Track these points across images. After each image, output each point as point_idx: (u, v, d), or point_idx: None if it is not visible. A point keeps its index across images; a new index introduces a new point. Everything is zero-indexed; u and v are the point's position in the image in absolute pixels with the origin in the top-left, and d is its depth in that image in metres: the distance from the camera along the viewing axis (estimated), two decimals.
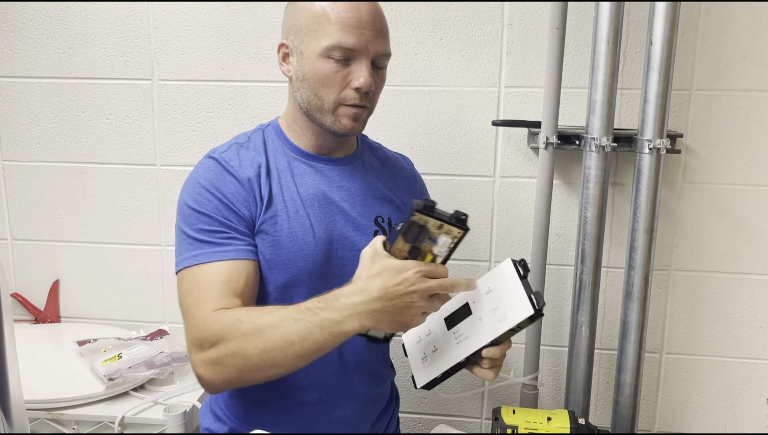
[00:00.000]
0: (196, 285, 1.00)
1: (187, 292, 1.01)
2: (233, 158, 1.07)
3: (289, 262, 1.05)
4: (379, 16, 1.05)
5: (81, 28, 1.68)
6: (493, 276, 0.98)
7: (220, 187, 1.03)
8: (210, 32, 1.64)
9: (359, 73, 1.02)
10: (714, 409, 1.69)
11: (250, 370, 0.94)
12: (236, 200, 1.03)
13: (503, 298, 0.95)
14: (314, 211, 1.07)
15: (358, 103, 1.05)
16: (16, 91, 1.73)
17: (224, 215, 1.02)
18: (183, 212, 1.04)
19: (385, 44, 1.06)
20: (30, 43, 1.70)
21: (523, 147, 1.61)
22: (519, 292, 0.94)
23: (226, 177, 1.04)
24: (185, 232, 1.03)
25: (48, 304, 1.81)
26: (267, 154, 1.10)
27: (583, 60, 1.55)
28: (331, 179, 1.11)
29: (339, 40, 1.00)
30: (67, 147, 1.75)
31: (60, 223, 1.79)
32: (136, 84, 1.69)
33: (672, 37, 1.36)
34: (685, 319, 1.66)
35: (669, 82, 1.38)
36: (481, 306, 0.97)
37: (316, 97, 1.05)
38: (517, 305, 0.93)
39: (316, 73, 1.03)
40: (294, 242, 1.05)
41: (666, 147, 1.41)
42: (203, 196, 1.03)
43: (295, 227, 1.05)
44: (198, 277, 1.00)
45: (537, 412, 1.12)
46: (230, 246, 1.01)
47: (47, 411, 1.39)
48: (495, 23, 1.57)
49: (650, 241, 1.45)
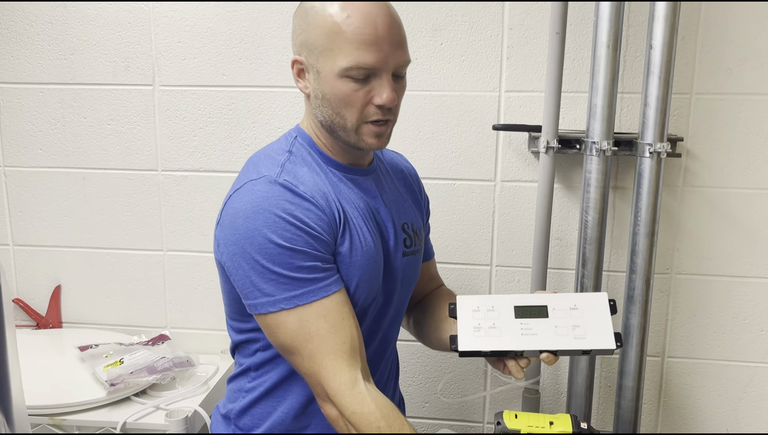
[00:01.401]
0: (311, 327, 0.95)
1: (301, 337, 0.96)
2: (296, 180, 0.99)
3: (364, 282, 1.02)
4: (396, 24, 0.98)
5: (82, 34, 1.68)
6: (584, 298, 1.03)
7: (299, 217, 0.95)
8: (211, 38, 1.65)
9: (381, 90, 0.97)
10: (716, 413, 1.69)
11: None
12: (320, 228, 0.97)
13: (589, 322, 1.00)
14: (371, 225, 1.05)
15: (381, 118, 1.00)
16: (18, 96, 1.74)
17: (315, 247, 0.96)
18: (267, 250, 0.94)
19: (405, 54, 1.00)
20: (32, 49, 1.70)
21: (523, 151, 1.62)
22: (607, 324, 1.00)
23: (303, 203, 0.96)
24: (274, 269, 0.95)
25: (50, 310, 1.82)
26: (317, 167, 1.04)
27: (583, 64, 1.56)
28: (367, 190, 1.08)
29: (358, 61, 0.94)
30: (69, 153, 1.75)
31: (61, 228, 1.79)
32: (137, 89, 1.70)
33: (672, 40, 1.36)
34: (686, 323, 1.65)
35: (669, 86, 1.38)
36: (561, 316, 1.01)
37: (338, 116, 1.00)
38: (602, 334, 0.99)
39: (336, 93, 0.98)
40: (367, 262, 1.02)
41: (667, 151, 1.41)
42: (289, 230, 0.94)
43: (365, 247, 1.02)
44: (309, 318, 0.95)
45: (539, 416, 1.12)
46: (330, 278, 0.97)
47: (49, 416, 1.39)
48: (495, 28, 1.57)
49: (651, 245, 1.45)
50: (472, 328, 1.02)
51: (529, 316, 1.02)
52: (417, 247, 1.14)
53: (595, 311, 1.01)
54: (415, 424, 1.77)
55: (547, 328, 1.00)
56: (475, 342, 1.00)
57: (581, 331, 1.00)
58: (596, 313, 1.01)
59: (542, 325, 1.01)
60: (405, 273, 1.12)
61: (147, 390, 1.49)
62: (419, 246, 1.16)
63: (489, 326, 1.01)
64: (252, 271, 0.95)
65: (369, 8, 0.95)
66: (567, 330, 1.00)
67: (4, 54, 1.72)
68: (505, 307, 1.03)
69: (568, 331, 1.00)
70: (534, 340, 0.99)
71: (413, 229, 1.14)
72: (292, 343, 0.96)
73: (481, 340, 1.00)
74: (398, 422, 0.96)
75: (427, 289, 1.31)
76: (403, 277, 1.12)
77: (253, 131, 1.67)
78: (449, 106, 1.61)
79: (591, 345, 0.98)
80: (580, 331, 1.00)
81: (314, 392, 0.99)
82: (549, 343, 0.99)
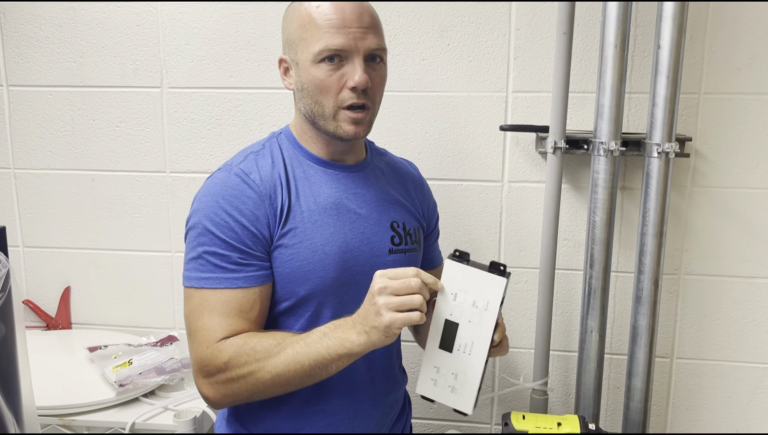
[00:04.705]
0: (205, 308, 1.01)
1: (195, 313, 1.02)
2: (252, 170, 1.05)
3: (310, 273, 1.05)
4: (366, 12, 1.04)
5: (91, 37, 1.69)
6: (447, 282, 0.97)
7: (239, 206, 1.02)
8: (218, 40, 1.65)
9: (353, 72, 1.02)
10: (725, 415, 1.68)
11: (261, 392, 0.99)
12: (255, 219, 1.02)
13: (473, 291, 0.96)
14: (332, 220, 1.07)
15: (356, 102, 1.04)
16: (28, 99, 1.75)
17: (241, 240, 1.01)
18: (198, 229, 1.03)
19: (377, 39, 1.05)
20: (41, 52, 1.72)
21: (531, 152, 1.61)
22: (480, 276, 0.95)
23: (246, 191, 1.03)
24: (198, 250, 1.03)
25: (59, 311, 1.83)
26: (284, 160, 1.09)
27: (590, 64, 1.55)
28: (347, 186, 1.11)
29: (326, 43, 1.01)
30: (78, 155, 1.76)
31: (71, 230, 1.80)
32: (145, 92, 1.71)
33: (680, 40, 1.36)
34: (695, 324, 1.65)
35: (677, 86, 1.38)
36: (460, 312, 0.97)
37: (317, 104, 1.05)
38: (488, 285, 0.95)
39: (312, 80, 1.03)
40: (314, 253, 1.05)
41: (675, 151, 1.40)
42: (221, 217, 1.01)
43: (314, 238, 1.05)
44: (208, 301, 1.01)
45: (547, 417, 1.12)
46: (242, 272, 1.01)
47: (58, 417, 1.40)
48: (502, 28, 1.57)
49: (660, 246, 1.45)
50: (451, 394, 0.98)
51: (452, 339, 0.97)
52: (408, 246, 1.16)
53: (463, 278, 0.96)
54: (424, 425, 1.77)
55: (469, 329, 0.96)
56: (467, 397, 0.97)
57: (481, 301, 0.95)
58: (465, 278, 0.95)
59: (464, 332, 0.96)
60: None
61: (155, 391, 1.49)
62: (413, 246, 1.17)
63: (454, 379, 0.98)
64: (187, 246, 1.05)
65: None
66: (475, 314, 0.95)
67: (14, 57, 1.73)
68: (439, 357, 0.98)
69: (476, 313, 0.95)
70: (478, 348, 0.96)
71: (404, 228, 1.15)
72: (188, 318, 1.04)
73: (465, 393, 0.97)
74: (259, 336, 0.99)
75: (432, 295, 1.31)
76: None
77: (261, 133, 1.67)
78: (456, 107, 1.61)
79: (496, 301, 0.94)
80: (481, 302, 0.95)
81: (193, 373, 1.04)
82: (484, 337, 0.95)
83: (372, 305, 0.92)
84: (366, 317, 0.93)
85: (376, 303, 0.91)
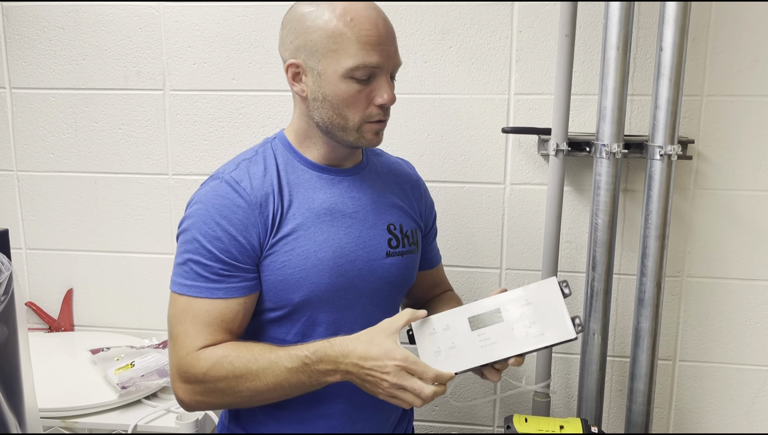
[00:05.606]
0: (188, 314, 1.02)
1: (177, 317, 1.03)
2: (243, 178, 1.04)
3: (303, 280, 1.04)
4: (392, 28, 1.05)
5: (94, 40, 1.70)
6: (536, 291, 0.99)
7: (228, 216, 1.01)
8: (221, 42, 1.66)
9: (382, 90, 1.02)
10: (728, 417, 1.67)
11: (236, 403, 1.04)
12: (244, 228, 1.02)
13: (544, 315, 0.97)
14: (326, 226, 1.06)
15: (382, 118, 1.05)
16: (31, 102, 1.75)
17: (227, 251, 1.01)
18: (187, 236, 1.03)
19: (399, 56, 1.07)
20: (44, 55, 1.72)
21: (533, 154, 1.61)
22: (562, 314, 0.96)
23: (236, 200, 1.02)
24: (184, 256, 1.03)
25: (62, 313, 1.83)
26: (278, 167, 1.08)
27: (592, 66, 1.55)
28: (342, 190, 1.10)
29: (363, 60, 0.99)
30: (81, 157, 1.76)
31: (73, 232, 1.81)
32: (148, 94, 1.71)
33: (682, 42, 1.36)
34: (698, 326, 1.64)
35: (680, 88, 1.38)
36: (515, 316, 0.98)
37: (340, 117, 1.03)
38: (559, 326, 0.95)
39: (339, 94, 1.01)
40: (306, 260, 1.04)
41: (677, 153, 1.40)
42: (211, 227, 1.01)
43: (307, 245, 1.04)
44: (192, 307, 1.02)
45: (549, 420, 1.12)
46: (224, 283, 1.02)
47: (61, 419, 1.40)
48: (504, 30, 1.57)
49: (662, 248, 1.44)
50: (433, 353, 0.99)
51: (484, 324, 0.98)
52: (407, 248, 1.15)
53: (548, 301, 0.97)
54: (425, 427, 1.77)
55: (504, 332, 0.97)
56: (440, 367, 0.96)
57: (538, 327, 0.96)
58: (550, 302, 0.97)
59: (499, 331, 0.97)
60: (391, 273, 1.12)
61: (158, 393, 1.50)
62: (410, 248, 1.16)
63: (448, 347, 0.99)
64: (177, 249, 1.06)
65: (369, 12, 1.01)
66: (525, 330, 0.97)
67: (17, 59, 1.73)
68: (460, 323, 1.00)
69: (526, 330, 0.97)
70: (495, 349, 0.97)
71: (401, 230, 1.15)
72: (169, 321, 1.05)
73: (443, 363, 0.97)
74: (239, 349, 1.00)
75: (431, 294, 1.31)
76: (389, 277, 1.12)
77: (263, 135, 1.66)
78: (458, 109, 1.61)
79: (550, 340, 0.95)
80: (537, 328, 0.96)
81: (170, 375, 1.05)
82: (510, 349, 0.96)
83: (379, 372, 0.93)
84: (364, 379, 0.95)
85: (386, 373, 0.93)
